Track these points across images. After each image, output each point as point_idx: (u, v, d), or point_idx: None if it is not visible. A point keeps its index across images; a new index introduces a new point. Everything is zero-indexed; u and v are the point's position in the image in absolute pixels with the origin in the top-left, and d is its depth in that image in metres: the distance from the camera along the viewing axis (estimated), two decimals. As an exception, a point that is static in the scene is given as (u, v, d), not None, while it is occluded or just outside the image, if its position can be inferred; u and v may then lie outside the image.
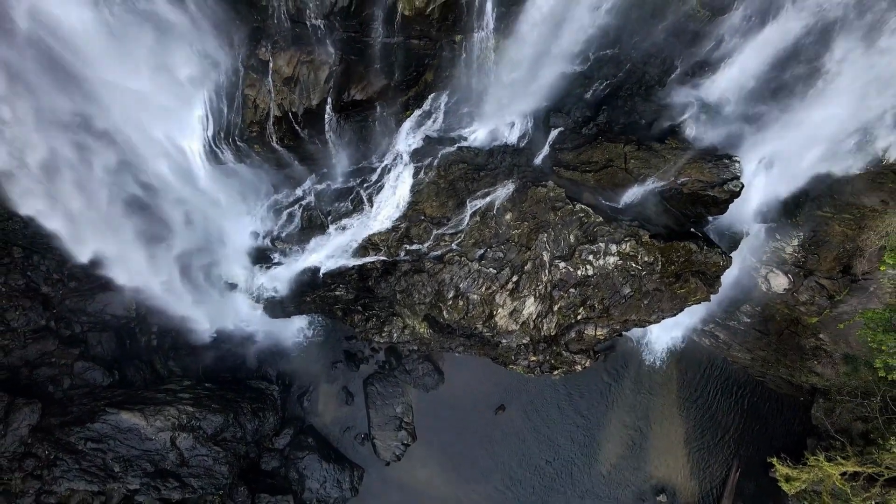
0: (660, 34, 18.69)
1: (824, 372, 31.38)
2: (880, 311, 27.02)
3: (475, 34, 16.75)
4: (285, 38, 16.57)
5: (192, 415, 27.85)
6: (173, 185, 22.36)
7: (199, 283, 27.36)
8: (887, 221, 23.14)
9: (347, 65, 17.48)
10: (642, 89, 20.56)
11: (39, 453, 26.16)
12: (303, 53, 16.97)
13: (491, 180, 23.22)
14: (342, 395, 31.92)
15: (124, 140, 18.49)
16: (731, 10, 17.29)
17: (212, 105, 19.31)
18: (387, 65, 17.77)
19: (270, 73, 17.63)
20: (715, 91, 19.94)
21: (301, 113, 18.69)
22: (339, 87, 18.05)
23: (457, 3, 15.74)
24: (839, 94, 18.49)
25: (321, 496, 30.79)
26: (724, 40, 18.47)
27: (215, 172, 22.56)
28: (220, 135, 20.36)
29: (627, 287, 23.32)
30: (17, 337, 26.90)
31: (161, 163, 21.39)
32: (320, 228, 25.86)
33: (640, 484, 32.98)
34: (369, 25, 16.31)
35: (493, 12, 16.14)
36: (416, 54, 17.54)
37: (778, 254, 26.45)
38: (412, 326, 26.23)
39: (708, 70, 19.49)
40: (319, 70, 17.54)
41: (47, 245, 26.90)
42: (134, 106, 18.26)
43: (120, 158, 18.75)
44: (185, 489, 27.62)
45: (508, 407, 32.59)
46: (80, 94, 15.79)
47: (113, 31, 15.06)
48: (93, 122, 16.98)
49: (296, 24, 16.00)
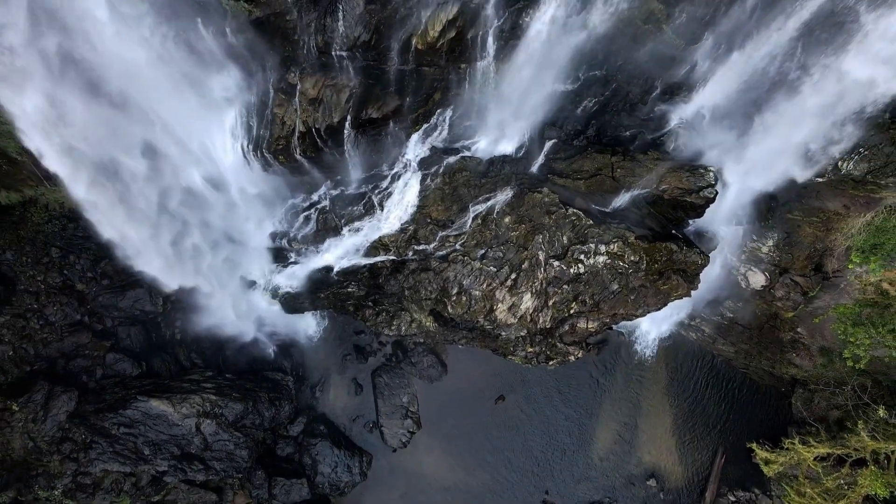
0: (641, 58, 21.55)
1: (802, 363, 34.28)
2: (851, 307, 29.98)
3: (478, 63, 19.66)
4: (312, 66, 19.45)
5: (215, 403, 30.70)
6: (203, 191, 25.23)
7: (222, 280, 30.17)
8: (850, 224, 26.08)
9: (366, 88, 20.40)
10: (627, 106, 23.47)
11: (76, 437, 28.97)
12: (327, 78, 19.86)
13: (491, 187, 26.11)
14: (352, 385, 34.80)
15: (167, 153, 21.30)
16: (701, 39, 20.18)
17: (243, 121, 22.17)
18: (400, 88, 20.70)
19: (298, 95, 20.51)
20: (691, 108, 22.85)
21: (323, 129, 21.59)
22: (357, 106, 20.97)
23: (463, 38, 18.63)
24: (799, 112, 21.36)
25: (333, 480, 33.61)
26: (697, 64, 21.36)
27: (242, 180, 25.43)
28: (249, 147, 23.23)
29: (615, 284, 26.22)
30: (55, 330, 29.77)
31: (194, 172, 24.28)
32: (334, 230, 28.72)
33: (631, 469, 35.88)
34: (386, 55, 19.21)
35: (494, 45, 19.05)
36: (426, 79, 20.45)
37: (755, 253, 29.34)
38: (419, 320, 29.13)
39: (685, 90, 22.39)
40: (341, 92, 20.45)
41: (82, 246, 29.86)
42: (176, 123, 21.12)
43: (163, 168, 21.55)
44: (208, 471, 30.48)
45: (507, 397, 35.46)
46: (137, 118, 18.60)
47: (166, 63, 17.88)
48: (146, 140, 19.79)
49: (322, 54, 18.86)
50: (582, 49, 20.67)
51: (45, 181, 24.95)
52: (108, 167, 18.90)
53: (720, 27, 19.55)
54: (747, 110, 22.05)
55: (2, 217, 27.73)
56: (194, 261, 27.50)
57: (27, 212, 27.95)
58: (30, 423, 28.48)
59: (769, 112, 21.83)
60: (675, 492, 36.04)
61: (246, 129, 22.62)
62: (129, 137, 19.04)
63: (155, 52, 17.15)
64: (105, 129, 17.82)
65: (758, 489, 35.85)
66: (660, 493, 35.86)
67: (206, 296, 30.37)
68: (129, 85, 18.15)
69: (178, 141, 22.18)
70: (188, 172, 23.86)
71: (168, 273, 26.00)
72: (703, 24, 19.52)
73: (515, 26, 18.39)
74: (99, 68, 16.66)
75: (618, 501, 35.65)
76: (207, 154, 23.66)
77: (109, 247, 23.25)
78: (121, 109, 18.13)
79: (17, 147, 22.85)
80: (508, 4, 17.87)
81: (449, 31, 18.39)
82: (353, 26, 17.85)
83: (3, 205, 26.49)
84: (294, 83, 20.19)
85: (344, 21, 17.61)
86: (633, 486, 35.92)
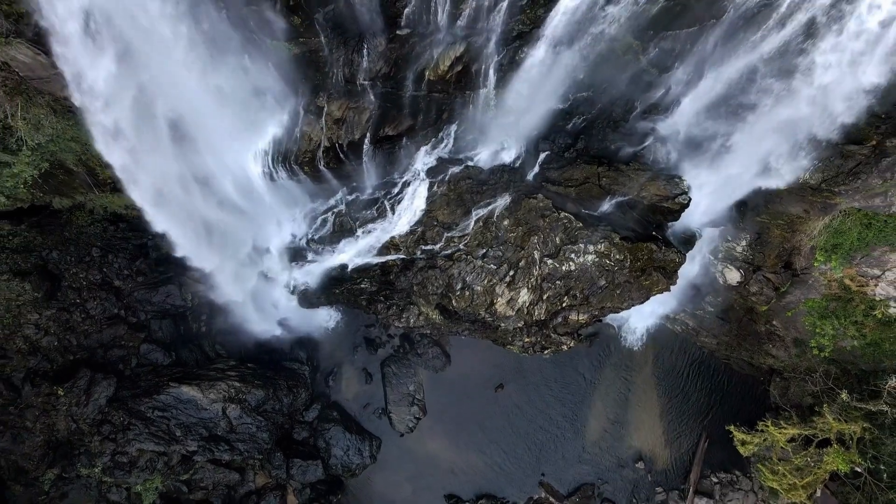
0: (623, 83, 25.56)
1: (778, 354, 38.36)
2: (818, 301, 34.10)
3: (481, 90, 23.68)
4: (339, 92, 23.43)
5: (239, 389, 34.67)
6: (234, 197, 29.18)
7: (245, 277, 34.11)
8: (811, 226, 30.18)
9: (384, 110, 24.40)
10: (611, 123, 27.48)
11: (115, 420, 32.90)
12: (351, 102, 23.84)
13: (492, 193, 30.13)
14: (362, 375, 38.81)
15: (210, 165, 25.27)
16: (673, 69, 24.18)
17: (275, 137, 26.13)
18: (413, 110, 24.70)
19: (324, 116, 24.51)
20: (667, 125, 26.87)
21: (346, 144, 25.61)
22: (376, 125, 24.99)
23: (468, 70, 22.62)
24: (760, 129, 25.38)
25: (345, 462, 37.55)
26: (670, 89, 25.37)
27: (268, 187, 29.39)
28: (278, 159, 27.21)
29: (603, 280, 30.26)
30: (95, 323, 33.72)
31: (227, 180, 28.23)
32: (349, 232, 32.71)
33: (622, 452, 39.95)
34: (402, 84, 23.18)
35: (494, 76, 23.07)
36: (436, 103, 24.44)
37: (731, 252, 33.41)
38: (426, 313, 33.15)
39: (661, 110, 26.42)
40: (362, 114, 24.44)
41: (120, 246, 33.82)
42: (216, 138, 25.09)
43: (206, 178, 25.53)
44: (233, 452, 34.47)
45: (507, 386, 39.49)
46: (188, 134, 22.56)
47: (217, 90, 21.84)
48: (195, 153, 23.77)
49: (348, 82, 22.84)
50: (571, 75, 24.65)
51: (95, 188, 28.91)
52: (166, 178, 22.82)
53: (688, 59, 23.54)
54: (716, 127, 26.05)
55: (49, 220, 31.63)
56: (224, 257, 31.36)
57: (72, 215, 31.88)
58: (73, 407, 32.42)
59: (735, 129, 25.85)
60: (662, 473, 40.12)
61: (276, 144, 26.58)
62: (182, 151, 22.93)
63: (211, 83, 21.05)
64: (165, 144, 21.73)
65: (738, 471, 40.01)
66: (647, 474, 39.93)
67: (230, 291, 34.31)
68: (186, 108, 22.09)
69: (216, 153, 26.13)
70: (222, 181, 27.78)
71: (207, 271, 29.84)
72: (673, 56, 23.52)
73: (513, 60, 22.39)
74: (164, 95, 20.58)
75: (609, 483, 39.70)
76: (240, 165, 27.62)
77: (164, 242, 27.08)
78: (176, 128, 22.04)
79: (74, 160, 26.91)
80: (507, 43, 21.84)
81: (456, 66, 22.40)
82: (375, 61, 21.79)
83: (54, 209, 30.36)
84: (322, 106, 24.16)
85: (368, 57, 21.55)
86: (622, 469, 39.97)
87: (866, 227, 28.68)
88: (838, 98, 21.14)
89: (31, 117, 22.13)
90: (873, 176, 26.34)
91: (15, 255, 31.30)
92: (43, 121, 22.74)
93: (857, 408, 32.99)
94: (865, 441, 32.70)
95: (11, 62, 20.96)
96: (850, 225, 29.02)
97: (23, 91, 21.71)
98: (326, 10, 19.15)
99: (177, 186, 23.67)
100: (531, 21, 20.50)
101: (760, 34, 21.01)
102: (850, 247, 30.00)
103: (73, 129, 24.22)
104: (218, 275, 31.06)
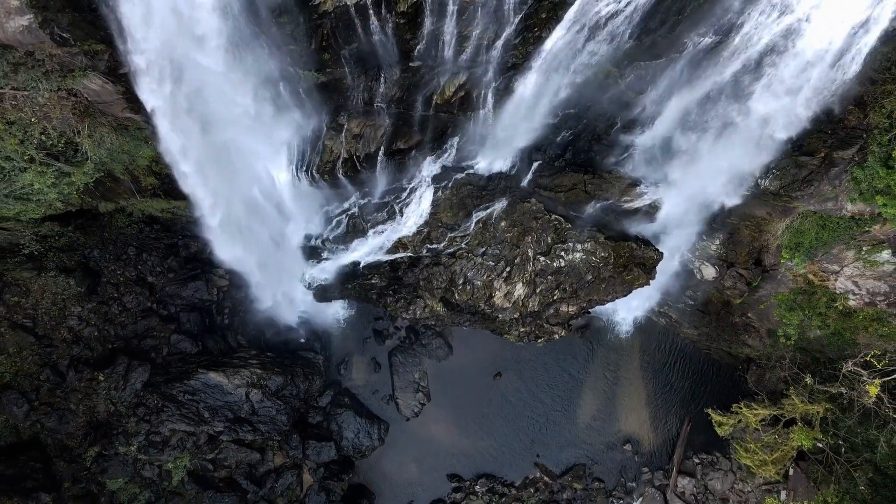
0: (605, 102, 30.27)
1: (754, 344, 43.19)
2: (786, 294, 38.89)
3: (481, 110, 28.42)
4: (358, 112, 28.13)
5: (261, 376, 39.38)
6: (261, 202, 33.86)
7: (266, 273, 38.79)
8: (775, 227, 34.99)
9: (396, 127, 29.15)
10: (595, 136, 32.25)
11: (149, 403, 37.61)
12: (368, 120, 28.56)
13: (490, 197, 34.87)
14: (371, 364, 43.54)
15: (244, 175, 30.00)
16: (647, 91, 28.90)
17: (299, 150, 30.82)
18: (422, 127, 29.46)
19: (344, 132, 29.21)
20: (644, 139, 31.58)
21: (362, 156, 30.36)
22: (389, 140, 29.73)
23: (470, 95, 27.41)
24: (725, 142, 30.11)
25: (355, 444, 42.26)
26: (646, 108, 30.10)
27: (291, 193, 34.09)
28: (301, 168, 31.89)
29: (589, 275, 35.02)
30: (130, 315, 38.44)
31: (255, 187, 32.91)
32: (361, 232, 37.41)
33: (610, 435, 44.76)
34: (413, 106, 27.92)
35: (492, 99, 27.82)
36: (441, 121, 29.20)
37: (706, 250, 38.19)
38: (431, 306, 37.89)
39: (638, 125, 31.15)
40: (377, 130, 29.17)
41: (153, 245, 38.51)
42: (251, 153, 29.78)
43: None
44: (255, 432, 39.18)
45: (504, 374, 44.24)
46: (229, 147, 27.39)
47: (255, 112, 26.56)
48: (238, 166, 28.52)
49: (367, 104, 27.54)
50: (559, 96, 29.37)
51: (137, 194, 33.54)
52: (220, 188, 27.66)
53: (659, 83, 28.26)
54: (686, 140, 30.79)
55: (92, 222, 36.31)
56: (258, 259, 36.17)
57: (112, 218, 36.56)
58: (112, 391, 37.16)
59: (702, 142, 30.59)
60: (648, 455, 44.95)
61: (300, 156, 31.28)
62: (230, 165, 27.69)
63: (252, 107, 25.76)
64: (221, 160, 26.57)
65: (718, 453, 44.79)
66: (634, 456, 44.75)
67: (252, 286, 39.05)
68: (232, 127, 26.85)
69: (248, 163, 30.83)
70: (251, 187, 32.50)
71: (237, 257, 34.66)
72: (647, 81, 28.25)
73: (507, 87, 27.11)
74: (216, 116, 25.34)
75: (598, 464, 44.52)
76: (268, 173, 32.33)
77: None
78: (225, 145, 26.77)
79: (121, 169, 31.54)
80: (503, 72, 26.55)
81: (459, 92, 27.16)
82: (390, 87, 26.48)
83: (97, 212, 35.01)
84: (342, 124, 28.88)
85: (384, 84, 26.21)
86: (611, 451, 44.76)
87: (822, 227, 33.40)
88: (779, 122, 25.89)
89: (96, 135, 26.74)
90: (824, 183, 31.11)
91: (61, 253, 35.99)
92: (105, 138, 27.39)
93: (821, 391, 37.77)
94: (828, 420, 37.47)
95: (83, 90, 25.60)
96: (808, 226, 33.74)
97: (91, 113, 26.35)
98: (351, 47, 23.76)
99: (237, 202, 28.54)
100: (522, 55, 25.20)
101: (716, 66, 25.73)
102: (810, 245, 34.72)
103: (126, 143, 28.88)
104: (251, 275, 35.88)
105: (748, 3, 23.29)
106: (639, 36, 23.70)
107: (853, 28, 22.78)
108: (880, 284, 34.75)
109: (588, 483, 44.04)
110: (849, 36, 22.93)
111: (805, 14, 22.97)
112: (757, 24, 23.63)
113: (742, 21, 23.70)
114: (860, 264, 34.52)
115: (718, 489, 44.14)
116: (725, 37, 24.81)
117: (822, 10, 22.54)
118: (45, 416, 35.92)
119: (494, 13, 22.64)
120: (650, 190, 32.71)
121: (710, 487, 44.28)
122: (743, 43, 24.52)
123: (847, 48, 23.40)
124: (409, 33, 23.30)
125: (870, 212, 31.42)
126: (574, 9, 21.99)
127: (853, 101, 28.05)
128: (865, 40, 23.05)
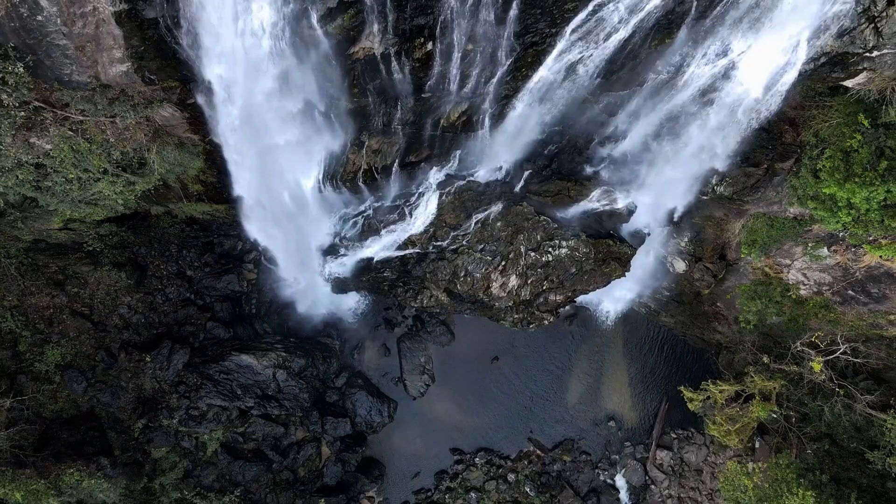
0: (583, 121, 37.86)
1: (724, 331, 50.78)
2: (748, 286, 46.54)
3: (479, 131, 35.96)
4: (377, 131, 35.63)
5: (285, 358, 46.82)
6: (289, 206, 41.28)
7: (290, 268, 46.23)
8: (732, 225, 42.62)
9: (409, 144, 36.74)
10: (576, 150, 39.89)
11: (189, 381, 45.02)
12: (385, 138, 36.07)
13: (488, 201, 42.41)
14: (382, 349, 51.06)
15: (277, 183, 37.52)
16: (618, 113, 36.48)
17: (326, 162, 38.28)
18: (431, 144, 37.09)
19: (365, 148, 36.66)
20: (618, 151, 39.17)
21: (380, 168, 37.85)
22: (403, 154, 37.32)
23: (470, 119, 35.02)
24: (684, 155, 37.67)
25: (368, 421, 49.74)
26: (618, 126, 37.68)
27: (316, 198, 41.56)
28: (326, 177, 39.36)
29: (574, 268, 42.58)
30: (172, 305, 45.88)
31: (285, 193, 40.35)
32: (375, 231, 44.89)
33: (596, 413, 52.33)
34: (423, 127, 35.50)
35: (489, 122, 35.43)
36: (447, 139, 36.76)
37: (677, 246, 45.84)
38: (436, 296, 45.43)
39: (612, 140, 38.78)
40: (393, 146, 36.71)
41: (192, 243, 45.96)
42: (286, 164, 37.26)
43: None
44: (281, 408, 46.62)
45: (501, 358, 51.79)
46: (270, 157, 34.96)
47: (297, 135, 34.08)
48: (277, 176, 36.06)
49: (385, 126, 35.00)
50: (545, 119, 36.90)
51: (184, 199, 40.94)
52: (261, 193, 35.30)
53: (627, 107, 35.85)
54: (651, 154, 38.39)
55: (140, 223, 43.73)
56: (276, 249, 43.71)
57: (158, 219, 43.97)
58: (157, 371, 44.57)
59: (664, 155, 38.18)
60: (630, 431, 52.57)
61: (326, 167, 38.75)
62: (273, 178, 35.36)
63: (293, 129, 33.33)
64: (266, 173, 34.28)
65: (693, 429, 52.35)
66: (618, 431, 52.36)
67: (277, 280, 46.53)
68: (278, 146, 34.42)
69: (282, 173, 38.30)
70: (283, 192, 39.95)
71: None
72: (618, 105, 35.86)
73: (502, 112, 34.66)
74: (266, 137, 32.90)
75: (585, 438, 52.11)
76: (296, 181, 39.80)
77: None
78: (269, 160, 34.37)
79: (174, 178, 38.93)
80: (498, 101, 34.06)
81: (462, 116, 34.75)
82: (406, 113, 33.96)
83: (148, 214, 42.42)
84: (364, 141, 36.36)
85: (401, 111, 33.70)
86: (597, 427, 52.32)
87: (770, 226, 41.00)
88: (718, 148, 33.71)
89: (163, 152, 34.13)
90: (769, 189, 38.74)
91: (114, 250, 43.41)
92: (168, 154, 34.75)
93: (777, 369, 45.40)
94: (783, 395, 45.07)
95: (156, 116, 33.01)
96: (760, 225, 41.35)
97: (160, 134, 33.74)
98: (375, 83, 31.23)
99: (272, 203, 36.22)
100: (513, 88, 32.69)
101: (672, 94, 33.29)
102: (763, 242, 42.34)
103: (183, 157, 36.28)
104: (276, 269, 43.47)
105: (692, 48, 30.85)
106: (605, 75, 31.17)
107: (777, 68, 30.39)
108: (824, 276, 42.36)
109: (576, 456, 51.62)
110: (772, 75, 30.54)
111: (738, 57, 30.59)
112: (699, 64, 31.21)
113: (687, 63, 31.24)
114: (807, 258, 42.14)
115: (693, 461, 51.73)
116: (677, 73, 32.35)
117: (749, 55, 30.14)
118: (100, 392, 43.39)
119: (491, 58, 30.10)
120: (622, 194, 40.34)
121: (686, 460, 51.88)
122: (690, 78, 32.09)
123: (771, 84, 31.02)
124: (422, 73, 30.71)
125: (808, 214, 39.09)
126: (552, 55, 29.48)
127: (788, 123, 35.80)
128: (785, 79, 30.68)
